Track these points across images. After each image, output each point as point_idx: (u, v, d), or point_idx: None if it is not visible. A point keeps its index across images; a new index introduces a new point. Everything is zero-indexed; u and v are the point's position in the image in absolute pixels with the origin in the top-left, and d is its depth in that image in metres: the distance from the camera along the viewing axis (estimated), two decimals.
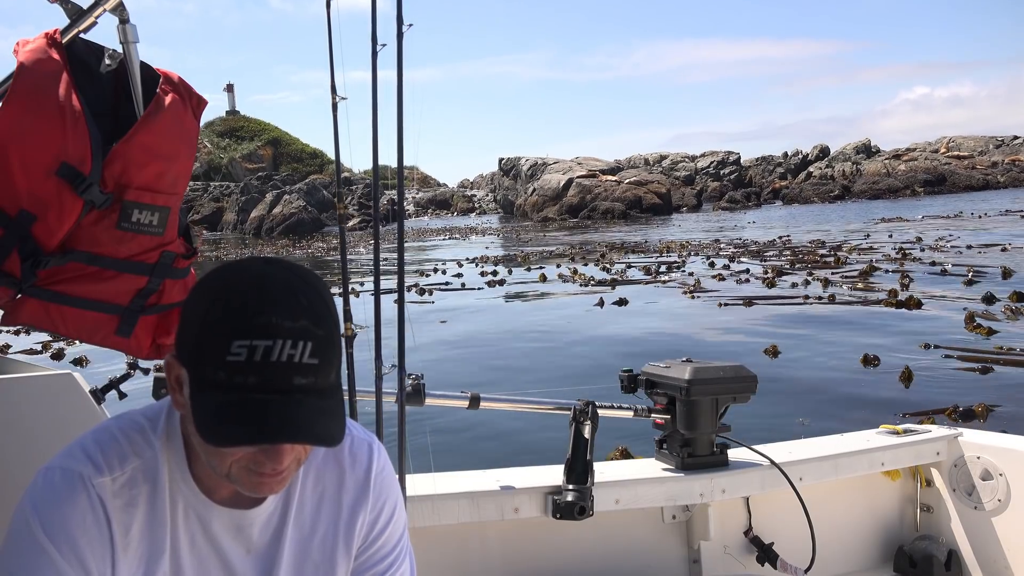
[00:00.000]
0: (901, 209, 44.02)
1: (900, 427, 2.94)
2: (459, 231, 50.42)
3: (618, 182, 58.22)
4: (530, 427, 6.17)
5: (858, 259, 19.49)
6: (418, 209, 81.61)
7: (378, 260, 2.15)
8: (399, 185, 2.00)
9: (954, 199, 51.45)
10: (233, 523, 1.15)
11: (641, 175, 61.82)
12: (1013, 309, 11.15)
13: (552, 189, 59.14)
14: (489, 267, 22.53)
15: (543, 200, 59.10)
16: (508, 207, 65.92)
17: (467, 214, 77.07)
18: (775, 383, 7.77)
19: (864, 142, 73.04)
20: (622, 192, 56.87)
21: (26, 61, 1.56)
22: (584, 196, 57.41)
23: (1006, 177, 64.68)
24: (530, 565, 2.46)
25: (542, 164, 63.22)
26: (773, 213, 51.36)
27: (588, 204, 56.66)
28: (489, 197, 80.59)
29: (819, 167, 71.45)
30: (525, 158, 65.04)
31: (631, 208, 55.27)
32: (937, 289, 13.96)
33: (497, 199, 72.51)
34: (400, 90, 1.95)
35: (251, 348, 0.95)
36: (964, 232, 25.45)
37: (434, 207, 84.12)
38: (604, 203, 56.04)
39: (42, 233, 1.61)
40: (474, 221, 64.98)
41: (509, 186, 66.50)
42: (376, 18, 2.01)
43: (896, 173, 65.89)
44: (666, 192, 59.15)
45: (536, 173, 62.56)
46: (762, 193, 69.12)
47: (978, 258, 18.10)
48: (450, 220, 70.70)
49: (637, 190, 57.14)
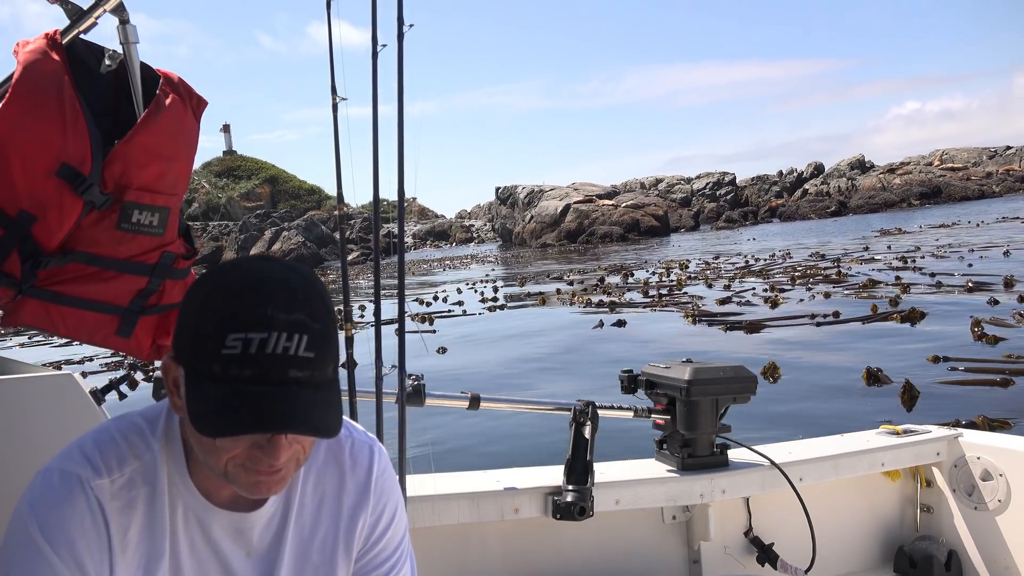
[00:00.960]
0: (899, 221, 44.16)
1: (900, 427, 2.93)
2: (459, 260, 50.50)
3: (615, 206, 58.52)
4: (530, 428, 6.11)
5: (859, 270, 19.50)
6: (417, 241, 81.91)
7: (378, 261, 2.17)
8: (400, 188, 2.02)
9: (950, 209, 51.69)
10: (233, 526, 1.15)
11: (638, 198, 62.14)
12: (1022, 314, 11.09)
13: (550, 215, 59.40)
14: (489, 292, 22.59)
15: (541, 227, 59.34)
16: (506, 235, 66.14)
17: (466, 244, 77.23)
18: (776, 403, 7.72)
19: (858, 158, 73.64)
20: (620, 216, 57.13)
21: (26, 62, 1.56)
22: (582, 221, 57.66)
23: (1001, 187, 65.40)
24: (530, 565, 2.45)
25: (539, 191, 63.57)
26: (771, 230, 51.48)
27: (586, 229, 56.89)
28: (487, 226, 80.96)
29: (814, 184, 71.96)
30: (522, 186, 65.44)
31: (629, 231, 55.52)
32: (940, 298, 13.95)
33: (495, 228, 72.76)
34: (400, 91, 1.96)
35: (246, 341, 0.94)
36: (963, 237, 25.52)
37: (433, 238, 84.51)
38: (602, 227, 56.28)
39: (42, 234, 1.61)
40: (473, 250, 65.10)
41: (507, 214, 66.79)
42: (376, 18, 2.03)
43: (891, 187, 66.40)
44: (663, 214, 59.47)
45: (533, 200, 62.89)
46: (759, 212, 69.54)
47: (979, 264, 18.11)
48: (449, 251, 70.82)
49: (634, 213, 57.43)
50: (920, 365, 9.10)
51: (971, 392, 7.85)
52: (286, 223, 62.00)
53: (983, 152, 73.25)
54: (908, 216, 47.74)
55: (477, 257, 51.40)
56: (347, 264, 2.33)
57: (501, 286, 24.88)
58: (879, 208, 62.00)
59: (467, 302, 20.32)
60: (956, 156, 72.63)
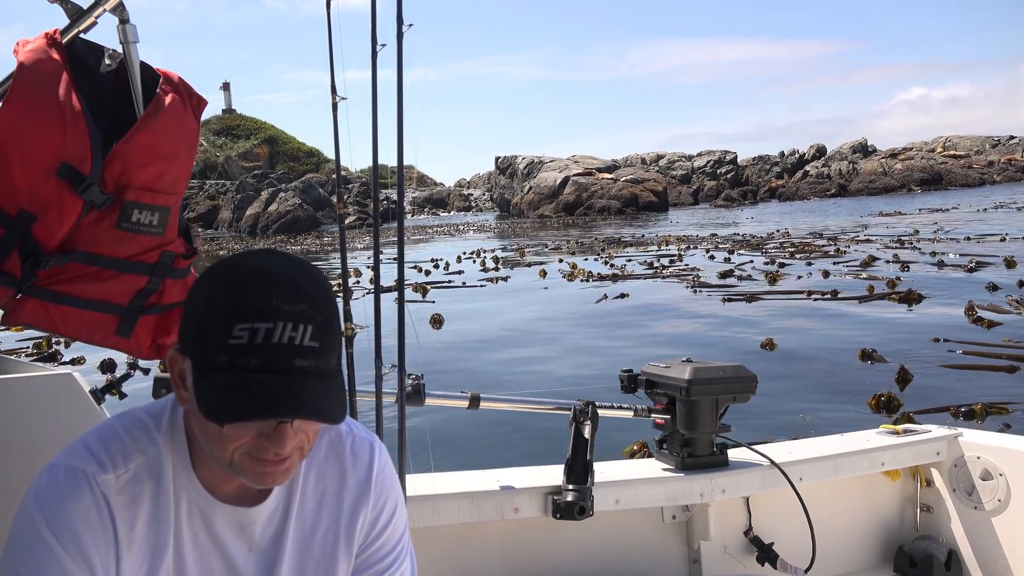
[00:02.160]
0: (898, 204, 44.27)
1: (900, 427, 2.94)
2: (456, 228, 50.45)
3: (614, 180, 58.33)
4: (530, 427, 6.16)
5: (857, 249, 19.54)
6: (415, 208, 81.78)
7: (378, 261, 2.15)
8: (399, 185, 2.00)
9: (950, 195, 51.80)
10: (236, 520, 1.16)
11: (637, 173, 61.92)
12: (1019, 300, 11.12)
13: (548, 187, 59.19)
14: (490, 262, 22.56)
15: (539, 198, 59.17)
16: (504, 205, 66.00)
17: (464, 212, 77.10)
18: (774, 378, 7.77)
19: (861, 142, 73.46)
20: (618, 190, 56.96)
21: (26, 61, 1.55)
22: (580, 194, 57.48)
23: (1002, 176, 65.73)
24: (530, 565, 2.46)
25: (538, 162, 63.30)
26: (770, 209, 51.54)
27: (584, 202, 56.74)
28: (486, 196, 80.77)
29: (815, 166, 71.83)
30: (521, 157, 65.13)
31: (627, 206, 55.38)
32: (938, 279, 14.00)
33: (494, 198, 72.60)
34: (400, 91, 1.94)
35: (252, 331, 0.96)
36: (961, 223, 25.62)
37: (431, 206, 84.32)
38: (600, 201, 56.13)
39: (42, 233, 1.61)
40: (471, 219, 65.02)
41: (506, 184, 66.56)
42: (376, 18, 2.00)
43: (892, 172, 66.39)
44: (662, 190, 59.31)
45: (532, 171, 62.64)
46: (759, 192, 69.46)
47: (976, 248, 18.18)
48: (447, 218, 70.70)
49: (633, 188, 57.24)
50: (918, 346, 9.14)
51: (970, 377, 7.89)
52: (283, 184, 61.59)
53: (986, 140, 73.29)
54: (907, 200, 47.84)
55: (474, 225, 51.28)
56: (347, 265, 2.31)
57: (500, 255, 24.85)
58: (879, 192, 62.17)
59: (467, 271, 20.29)
60: (959, 143, 72.65)
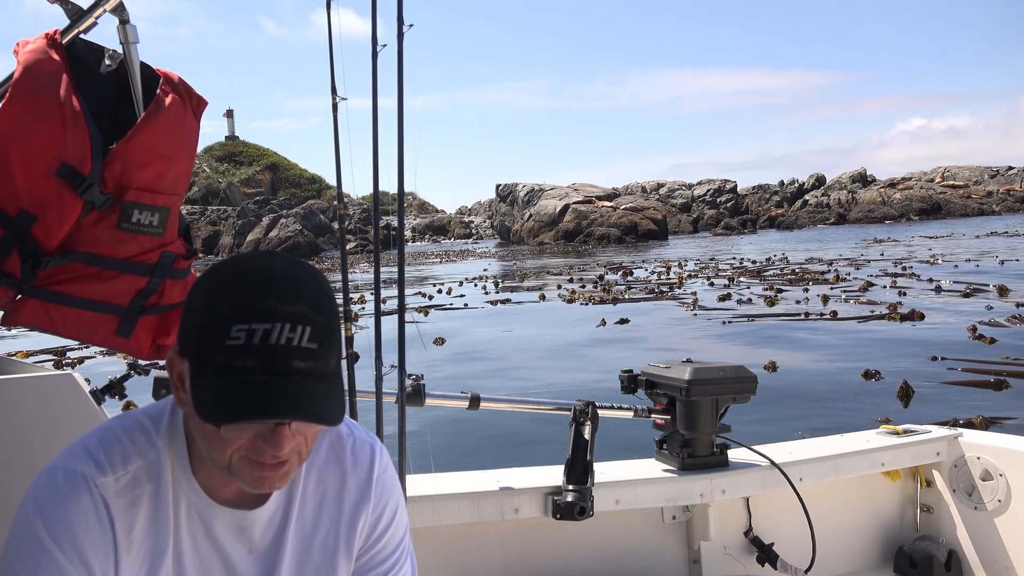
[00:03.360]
0: (895, 233, 44.50)
1: (900, 427, 2.94)
2: (456, 254, 50.54)
3: (614, 208, 58.50)
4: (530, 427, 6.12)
5: (855, 274, 19.59)
6: (416, 235, 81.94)
7: (378, 262, 2.16)
8: (399, 181, 2.01)
9: (948, 224, 52.07)
10: (235, 523, 1.15)
11: (637, 201, 62.15)
12: (1017, 316, 11.15)
13: (548, 215, 59.39)
14: (490, 286, 22.65)
15: (539, 226, 59.33)
16: (505, 233, 66.18)
17: (465, 239, 77.29)
18: (775, 398, 7.73)
19: (860, 171, 73.94)
20: (618, 218, 57.10)
21: (26, 61, 1.56)
22: (580, 222, 57.63)
23: (1001, 206, 66.11)
24: (530, 565, 2.45)
25: (539, 190, 63.58)
26: (769, 237, 51.61)
27: (584, 230, 56.86)
28: (486, 223, 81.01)
29: (815, 195, 72.25)
30: (522, 184, 65.43)
31: (627, 234, 55.48)
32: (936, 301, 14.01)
33: (494, 225, 72.84)
34: (400, 91, 1.96)
35: (250, 331, 0.95)
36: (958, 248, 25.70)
37: (432, 233, 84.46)
38: (600, 228, 56.24)
39: (42, 233, 1.61)
40: (471, 246, 65.18)
41: (506, 212, 66.81)
42: (376, 18, 2.02)
43: (891, 201, 66.77)
44: (662, 218, 59.47)
45: (533, 199, 62.89)
46: (758, 220, 69.74)
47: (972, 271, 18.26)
48: (448, 246, 70.87)
49: (633, 216, 57.38)
50: (917, 364, 9.13)
51: (970, 393, 7.88)
52: (284, 211, 61.74)
53: (985, 171, 73.74)
54: (905, 229, 48.10)
55: (475, 252, 51.39)
56: (347, 263, 2.32)
57: (501, 282, 24.96)
58: (878, 221, 62.39)
59: (468, 295, 20.37)
60: (958, 174, 73.10)
